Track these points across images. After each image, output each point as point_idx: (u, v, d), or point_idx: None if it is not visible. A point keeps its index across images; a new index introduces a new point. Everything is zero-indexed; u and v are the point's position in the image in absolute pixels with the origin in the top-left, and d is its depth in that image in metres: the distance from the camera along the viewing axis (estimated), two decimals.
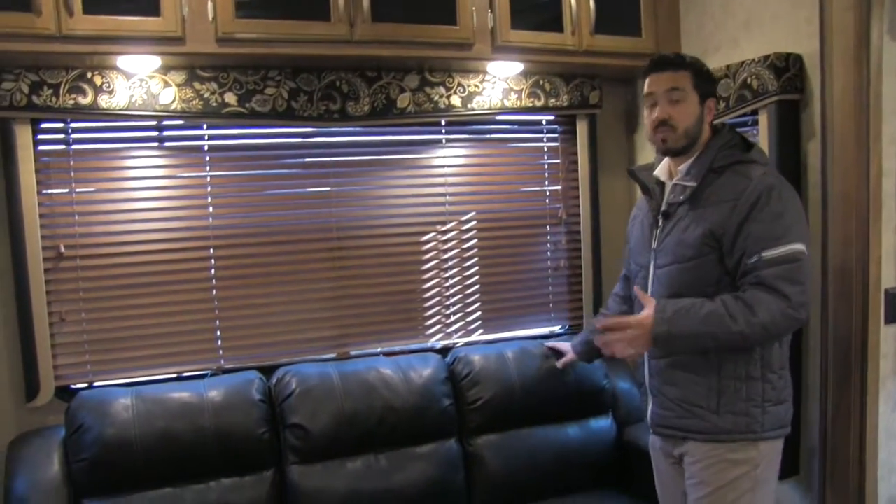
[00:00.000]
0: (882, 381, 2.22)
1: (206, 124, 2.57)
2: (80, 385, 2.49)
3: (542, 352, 2.71)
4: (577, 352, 2.56)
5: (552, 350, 2.68)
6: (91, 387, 2.48)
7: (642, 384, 2.08)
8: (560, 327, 3.11)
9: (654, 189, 2.04)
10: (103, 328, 2.49)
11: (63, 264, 2.43)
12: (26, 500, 2.17)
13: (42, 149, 2.41)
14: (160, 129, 2.55)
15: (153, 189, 2.55)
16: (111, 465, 2.22)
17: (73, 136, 2.45)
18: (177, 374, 2.58)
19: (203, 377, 2.54)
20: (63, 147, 2.45)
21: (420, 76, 2.71)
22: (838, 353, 2.24)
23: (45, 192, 2.41)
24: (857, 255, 2.18)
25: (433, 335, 2.91)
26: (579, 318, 3.08)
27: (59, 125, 2.43)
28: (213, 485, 2.33)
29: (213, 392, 2.38)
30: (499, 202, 3.00)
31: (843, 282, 2.21)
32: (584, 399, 2.72)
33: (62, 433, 2.31)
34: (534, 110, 2.89)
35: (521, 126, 3.03)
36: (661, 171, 2.04)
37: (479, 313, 2.97)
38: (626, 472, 2.70)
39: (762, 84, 2.35)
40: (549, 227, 3.06)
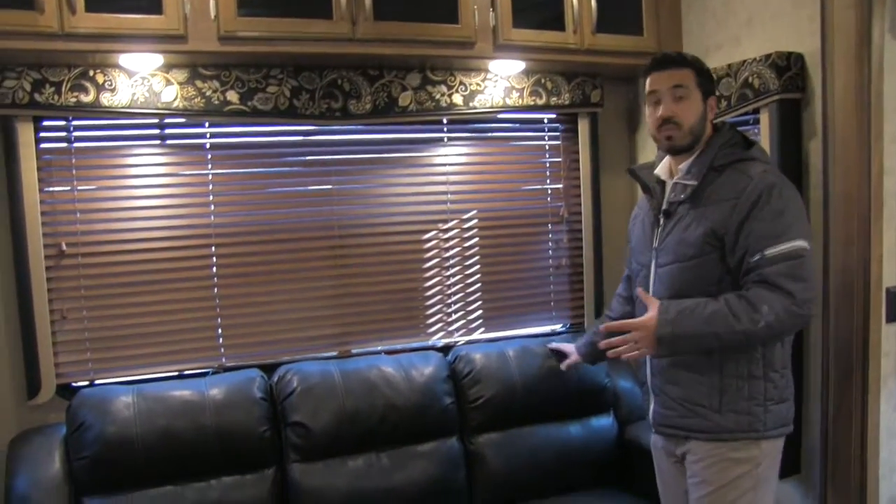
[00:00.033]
0: (883, 379, 2.22)
1: (207, 122, 2.58)
2: (81, 383, 2.49)
3: (543, 350, 2.71)
4: (581, 353, 2.53)
5: (556, 352, 2.66)
6: (92, 385, 2.48)
7: (644, 383, 2.08)
8: (561, 326, 3.11)
9: (654, 188, 2.04)
10: (104, 326, 2.49)
11: (64, 262, 2.44)
12: (27, 498, 2.17)
13: (44, 146, 2.41)
14: (162, 127, 2.55)
15: (155, 187, 2.55)
16: (112, 463, 2.22)
17: (75, 133, 2.45)
18: (178, 372, 2.59)
19: (204, 375, 2.54)
20: (65, 145, 2.45)
21: (422, 74, 2.71)
22: (840, 352, 2.24)
23: (47, 189, 2.41)
24: (859, 253, 2.18)
25: (435, 333, 2.92)
26: (581, 316, 3.08)
27: (61, 123, 2.43)
28: (214, 483, 2.33)
29: (215, 390, 2.38)
30: (500, 201, 3.00)
31: (845, 280, 2.21)
32: (585, 397, 2.72)
33: (63, 431, 2.32)
34: (535, 109, 2.89)
35: (523, 124, 3.03)
36: (661, 170, 2.04)
37: (480, 312, 2.97)
38: (628, 471, 2.70)
39: (763, 83, 2.35)
40: (550, 226, 3.06)
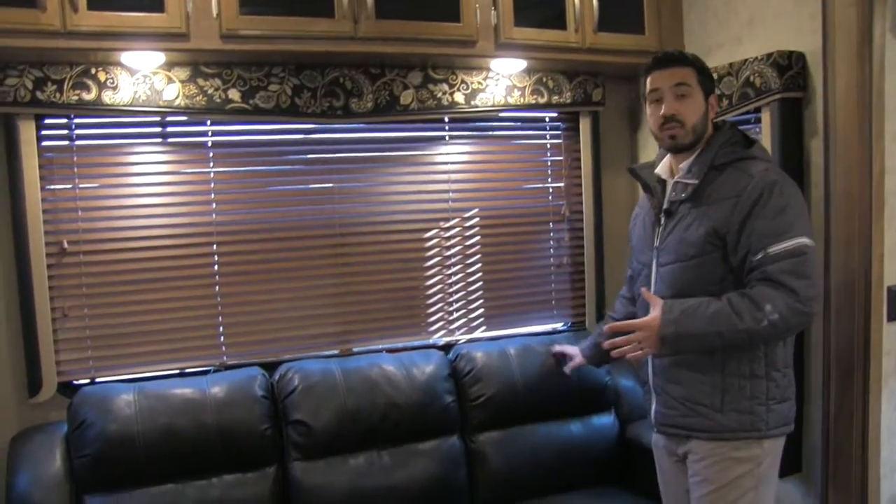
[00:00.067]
0: (885, 378, 2.22)
1: (209, 120, 2.58)
2: (82, 381, 2.49)
3: (544, 349, 2.70)
4: (585, 356, 2.51)
5: (560, 354, 2.64)
6: (93, 383, 2.48)
7: (646, 383, 2.07)
8: (563, 324, 3.11)
9: (655, 187, 2.03)
10: (106, 324, 2.49)
11: (66, 260, 2.44)
12: (28, 496, 2.17)
13: (46, 144, 2.41)
14: (164, 125, 2.55)
15: (156, 185, 2.55)
16: (113, 461, 2.22)
17: (77, 131, 2.45)
18: (179, 371, 2.59)
19: (206, 373, 2.54)
20: (67, 143, 2.45)
21: (423, 73, 2.71)
22: (841, 351, 2.24)
23: (49, 187, 2.41)
24: (860, 252, 2.18)
25: (436, 332, 2.92)
26: (582, 315, 3.08)
27: (63, 121, 2.43)
28: (215, 481, 2.33)
29: (216, 388, 2.38)
30: (502, 199, 3.00)
31: (846, 279, 2.21)
32: (586, 396, 2.72)
33: (64, 429, 2.32)
34: (537, 107, 2.89)
35: (525, 123, 3.03)
36: (662, 169, 2.03)
37: (481, 310, 2.97)
38: (629, 469, 2.70)
39: (765, 82, 2.35)
40: (552, 224, 3.06)
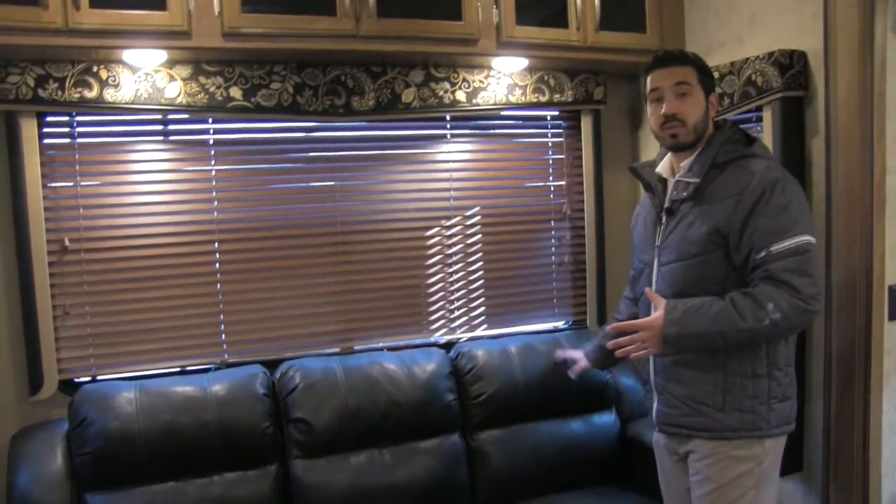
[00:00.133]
0: (886, 377, 2.22)
1: (211, 118, 2.58)
2: (83, 378, 2.49)
3: (545, 347, 2.71)
4: (590, 359, 2.49)
5: (565, 359, 2.61)
6: (94, 380, 2.48)
7: (647, 381, 2.07)
8: (564, 322, 3.11)
9: (656, 186, 2.03)
10: (107, 322, 2.49)
11: (67, 258, 2.44)
12: (29, 494, 2.17)
13: (47, 142, 2.41)
14: (165, 123, 2.55)
15: (158, 183, 2.55)
16: (114, 459, 2.23)
17: (79, 129, 2.45)
18: (180, 368, 2.59)
19: (207, 371, 2.55)
20: (68, 140, 2.45)
21: (425, 71, 2.71)
22: (842, 350, 2.24)
23: (50, 185, 2.41)
24: (861, 251, 2.18)
25: (437, 330, 2.92)
26: (583, 313, 3.09)
27: (65, 119, 2.43)
28: (216, 479, 2.33)
29: (217, 386, 2.38)
30: (503, 197, 3.00)
31: (847, 279, 2.21)
32: (587, 394, 2.72)
33: (65, 427, 2.32)
34: (538, 106, 2.89)
35: (526, 121, 3.03)
36: (663, 168, 2.03)
37: (482, 308, 2.97)
38: (630, 468, 2.71)
39: (766, 81, 2.35)
40: (553, 223, 3.06)
